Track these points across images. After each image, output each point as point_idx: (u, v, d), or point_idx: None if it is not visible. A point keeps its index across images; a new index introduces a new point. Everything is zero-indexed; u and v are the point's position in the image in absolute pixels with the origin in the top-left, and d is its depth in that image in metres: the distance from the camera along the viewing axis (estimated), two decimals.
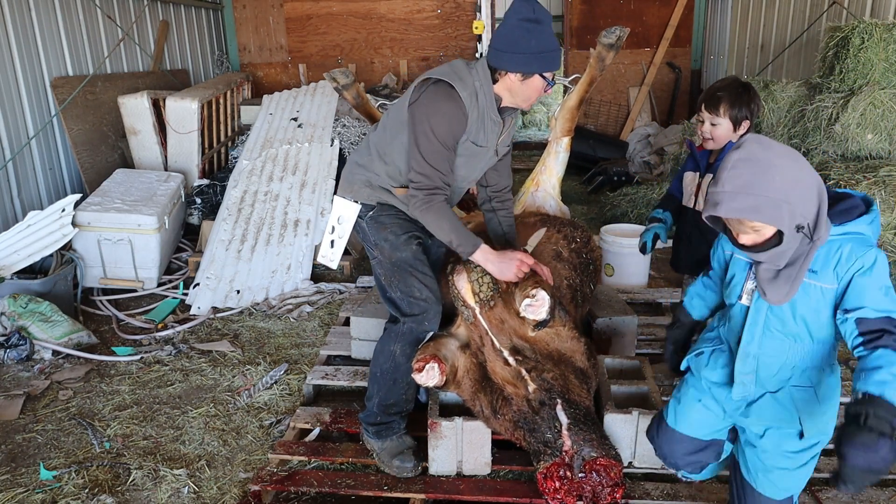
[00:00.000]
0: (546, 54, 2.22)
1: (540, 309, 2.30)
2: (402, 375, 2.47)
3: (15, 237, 4.05)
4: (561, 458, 2.17)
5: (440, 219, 2.31)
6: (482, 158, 2.45)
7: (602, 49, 3.60)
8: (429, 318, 2.45)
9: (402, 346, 2.45)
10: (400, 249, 2.44)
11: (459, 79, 2.27)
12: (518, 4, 2.22)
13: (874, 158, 4.02)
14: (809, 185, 1.56)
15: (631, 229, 4.33)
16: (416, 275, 2.43)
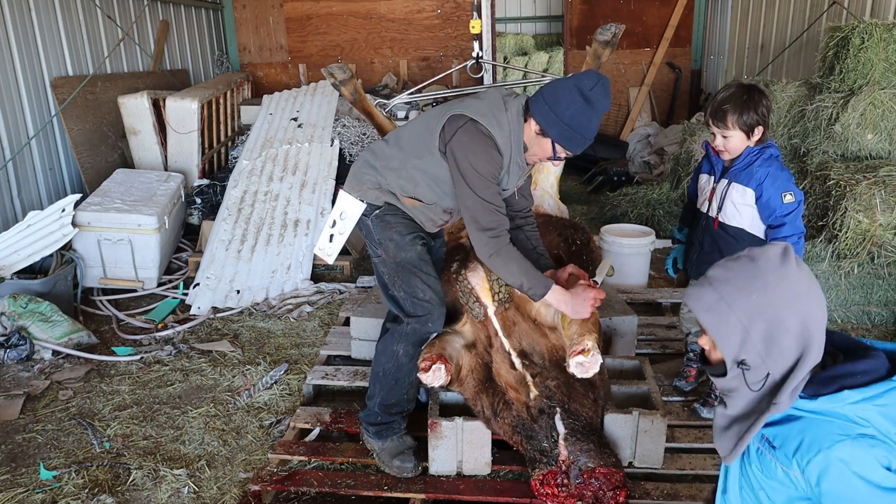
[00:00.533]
0: (574, 132, 2.18)
1: (590, 370, 2.22)
2: (405, 375, 2.46)
3: (15, 237, 4.05)
4: (557, 466, 2.16)
5: (509, 263, 2.28)
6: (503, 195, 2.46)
7: (598, 46, 3.61)
8: (433, 320, 2.44)
9: (405, 347, 2.45)
10: (405, 249, 2.43)
11: (497, 123, 2.25)
12: (588, 76, 2.18)
13: (874, 158, 4.02)
14: (789, 332, 1.24)
15: (631, 229, 4.33)
16: (420, 275, 2.43)
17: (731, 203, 2.52)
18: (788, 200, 2.42)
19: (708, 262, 2.54)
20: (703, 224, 2.65)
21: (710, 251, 2.60)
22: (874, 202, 3.56)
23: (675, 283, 4.36)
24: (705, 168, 2.67)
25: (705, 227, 2.63)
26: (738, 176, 2.48)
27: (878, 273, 3.75)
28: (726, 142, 2.45)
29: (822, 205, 3.94)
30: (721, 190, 2.54)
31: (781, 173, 2.43)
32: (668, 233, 5.42)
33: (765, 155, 2.44)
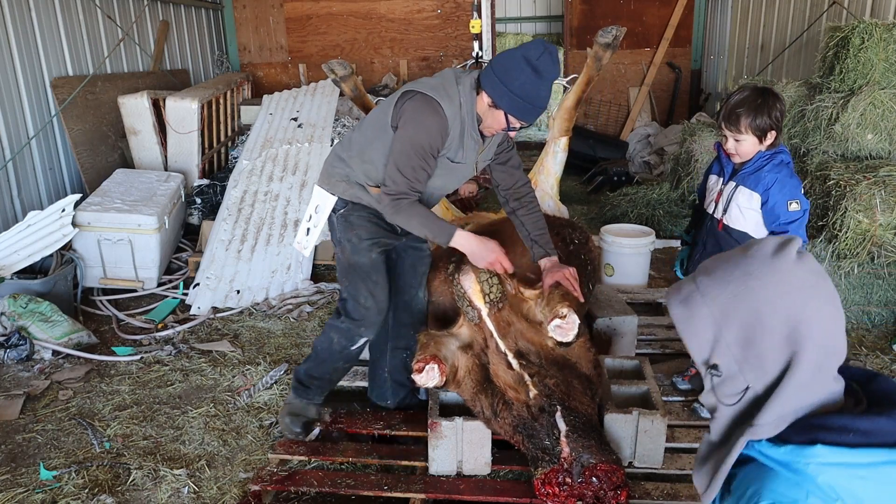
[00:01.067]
0: (524, 103, 2.17)
1: (569, 332, 2.30)
2: (333, 361, 2.65)
3: (15, 237, 4.05)
4: (559, 464, 2.16)
5: (410, 218, 2.32)
6: (459, 173, 2.47)
7: (599, 48, 3.61)
8: (365, 326, 2.55)
9: (337, 338, 2.60)
10: (359, 254, 2.50)
11: (447, 94, 2.26)
12: (534, 45, 2.17)
13: (874, 158, 4.02)
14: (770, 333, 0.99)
15: (631, 229, 4.33)
16: (367, 283, 2.51)
17: (736, 206, 2.52)
18: (794, 208, 2.41)
19: None
20: (707, 225, 2.65)
21: (712, 252, 2.58)
22: (874, 202, 3.56)
23: None
24: (715, 169, 2.66)
25: (710, 228, 2.63)
26: (747, 180, 2.47)
27: (878, 273, 3.75)
28: (738, 145, 2.43)
29: (822, 205, 3.94)
30: (728, 192, 2.54)
31: (790, 180, 2.42)
32: (668, 233, 5.42)
33: (775, 160, 2.43)
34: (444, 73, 2.36)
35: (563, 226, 3.16)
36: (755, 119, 2.35)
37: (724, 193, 2.56)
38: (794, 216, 2.41)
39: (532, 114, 2.21)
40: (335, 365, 2.66)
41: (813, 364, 0.98)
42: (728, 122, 2.41)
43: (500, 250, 2.37)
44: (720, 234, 2.58)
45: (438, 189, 2.52)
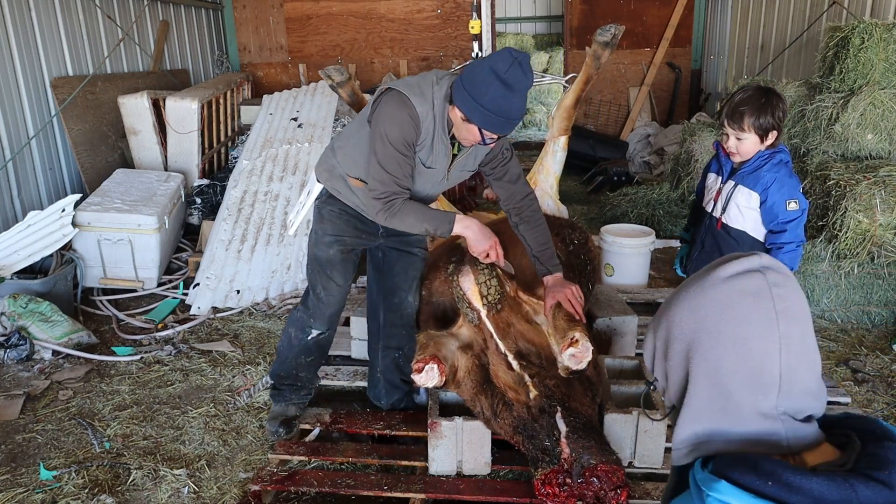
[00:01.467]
0: (495, 117, 2.10)
1: (583, 360, 2.26)
2: (292, 356, 2.73)
3: (15, 237, 4.05)
4: (559, 465, 2.16)
5: (405, 217, 2.29)
6: (430, 179, 2.42)
7: (598, 47, 3.61)
8: (315, 317, 2.66)
9: (294, 330, 2.70)
10: (319, 247, 2.59)
11: (420, 93, 2.24)
12: (501, 57, 2.07)
13: (874, 158, 4.02)
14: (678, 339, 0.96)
15: (631, 229, 4.33)
16: (321, 276, 2.61)
17: (735, 205, 2.52)
18: (792, 208, 2.41)
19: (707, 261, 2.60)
20: (706, 223, 2.65)
21: (711, 251, 2.60)
22: (874, 202, 3.57)
23: (676, 283, 4.36)
24: (713, 167, 2.66)
25: (708, 226, 2.63)
26: (745, 179, 2.47)
27: (878, 273, 3.75)
28: (739, 144, 2.43)
29: (822, 205, 3.94)
30: (727, 191, 2.54)
31: (789, 180, 2.43)
32: (668, 233, 5.42)
33: (774, 160, 2.43)
34: (426, 74, 2.34)
35: (562, 226, 3.16)
36: (758, 118, 2.35)
37: (722, 192, 2.55)
38: (793, 215, 2.42)
39: (506, 126, 2.15)
40: (297, 360, 2.73)
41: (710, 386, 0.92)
42: (731, 120, 2.40)
43: (496, 241, 2.37)
44: (719, 233, 2.59)
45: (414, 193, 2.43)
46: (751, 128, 2.37)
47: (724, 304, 0.93)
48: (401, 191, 2.28)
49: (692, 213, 2.91)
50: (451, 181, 2.51)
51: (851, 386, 3.16)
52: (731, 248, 2.53)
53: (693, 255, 2.74)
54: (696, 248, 2.72)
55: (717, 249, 2.57)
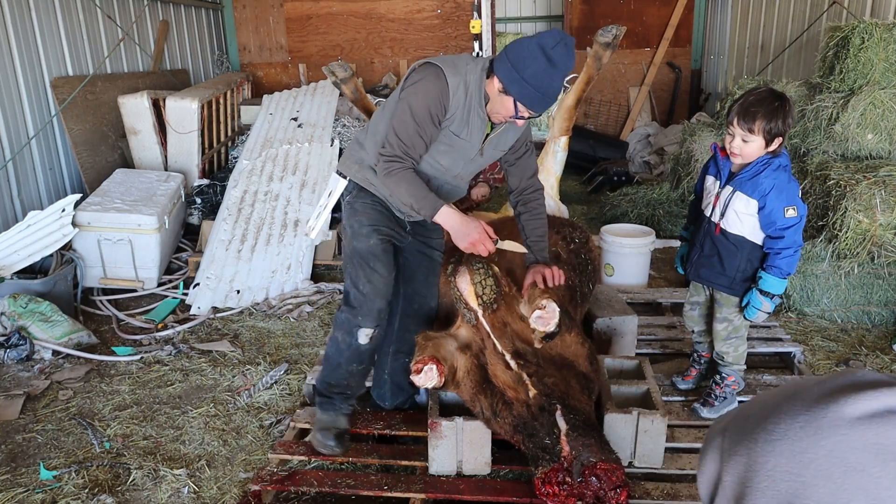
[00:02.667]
0: (535, 90, 2.14)
1: (550, 321, 2.30)
2: (344, 362, 2.55)
3: (15, 237, 4.05)
4: (559, 463, 2.16)
5: (399, 183, 2.29)
6: (464, 154, 2.41)
7: (599, 48, 3.61)
8: (363, 314, 2.48)
9: (341, 334, 2.53)
10: (359, 238, 2.47)
11: (454, 66, 2.27)
12: (550, 35, 2.16)
13: (874, 158, 4.02)
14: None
15: (631, 229, 4.33)
16: (365, 268, 2.46)
17: (733, 211, 2.49)
18: (791, 215, 2.39)
19: (707, 265, 2.64)
20: (705, 227, 2.62)
21: (710, 255, 2.61)
22: (874, 202, 3.56)
23: (676, 283, 4.36)
24: (711, 170, 2.62)
25: (707, 230, 2.61)
26: (744, 185, 2.44)
27: (878, 273, 3.75)
28: (744, 145, 2.37)
29: (822, 205, 3.94)
30: (725, 197, 2.50)
31: (788, 185, 2.40)
32: (668, 233, 5.42)
33: (773, 165, 2.39)
34: (461, 54, 2.38)
35: (563, 225, 3.16)
36: (769, 122, 2.30)
37: (721, 198, 2.52)
38: (791, 222, 2.40)
39: (542, 104, 2.19)
40: (349, 368, 2.57)
41: None
42: (742, 120, 2.33)
43: (484, 232, 2.32)
44: (717, 238, 2.57)
45: (445, 170, 2.45)
46: (760, 131, 2.31)
47: (851, 462, 0.61)
48: (407, 159, 2.29)
49: (691, 212, 2.88)
50: (485, 159, 2.49)
51: None
52: (731, 253, 2.53)
53: (693, 257, 2.71)
54: (695, 251, 2.70)
55: (716, 253, 2.58)
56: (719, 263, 2.58)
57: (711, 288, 2.72)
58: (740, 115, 2.33)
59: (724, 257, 2.55)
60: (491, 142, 2.44)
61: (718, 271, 2.60)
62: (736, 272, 2.57)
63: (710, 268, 2.62)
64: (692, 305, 2.85)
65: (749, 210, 2.45)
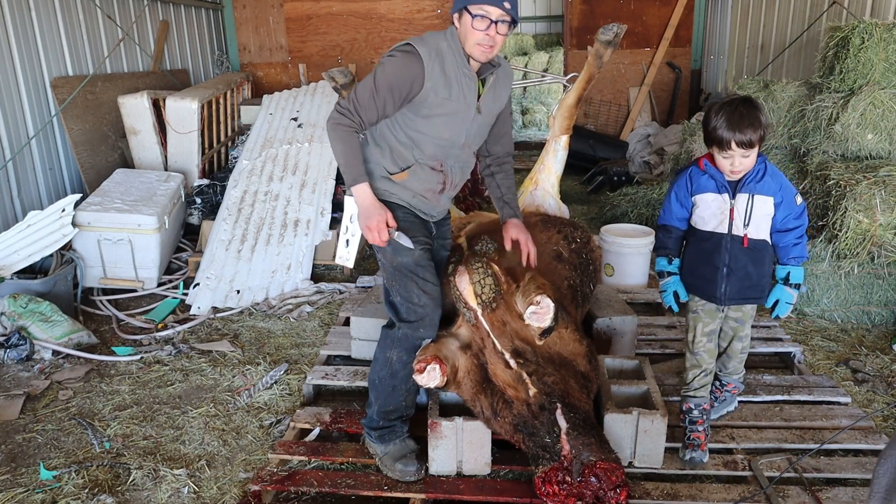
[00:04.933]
0: None
1: (545, 316, 2.31)
2: (401, 382, 2.46)
3: (15, 237, 4.05)
4: (559, 462, 2.16)
5: (337, 141, 2.32)
6: (463, 117, 2.39)
7: (599, 46, 3.61)
8: (425, 326, 2.43)
9: (398, 353, 2.44)
10: (401, 254, 2.42)
11: (423, 40, 2.32)
12: None
13: (874, 158, 4.02)
14: None
15: (631, 229, 4.33)
16: (416, 280, 2.41)
17: (758, 215, 2.40)
18: (800, 201, 2.43)
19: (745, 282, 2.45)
20: (725, 246, 2.42)
21: (741, 271, 2.44)
22: (874, 202, 3.57)
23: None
24: (709, 186, 2.44)
25: (728, 247, 2.42)
26: (757, 188, 2.38)
27: (878, 273, 3.75)
28: (746, 160, 2.31)
29: (822, 205, 3.94)
30: (743, 205, 2.39)
31: (783, 176, 2.44)
32: None
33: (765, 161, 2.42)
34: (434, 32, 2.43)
35: (564, 225, 3.16)
36: (759, 128, 2.27)
37: (737, 209, 2.39)
38: (801, 208, 2.43)
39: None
40: (406, 386, 2.48)
41: None
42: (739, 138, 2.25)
43: (384, 223, 2.33)
44: (746, 251, 2.42)
45: (450, 143, 2.42)
46: (758, 140, 2.28)
47: None
48: (356, 117, 2.32)
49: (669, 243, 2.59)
50: (484, 117, 2.48)
51: (851, 386, 3.16)
52: (759, 261, 2.44)
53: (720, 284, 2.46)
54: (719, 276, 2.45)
55: (749, 269, 2.44)
56: (754, 276, 2.46)
57: (726, 309, 2.55)
58: (735, 135, 2.26)
59: (754, 267, 2.45)
60: (486, 99, 2.45)
61: (753, 283, 2.47)
62: (763, 278, 2.48)
63: (745, 284, 2.47)
64: (709, 337, 2.59)
65: (766, 210, 2.41)
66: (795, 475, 2.43)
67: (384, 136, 2.44)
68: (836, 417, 2.76)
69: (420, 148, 2.41)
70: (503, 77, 2.50)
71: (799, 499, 2.29)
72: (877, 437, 2.63)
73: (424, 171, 2.44)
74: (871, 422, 2.77)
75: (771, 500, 2.29)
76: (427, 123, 2.36)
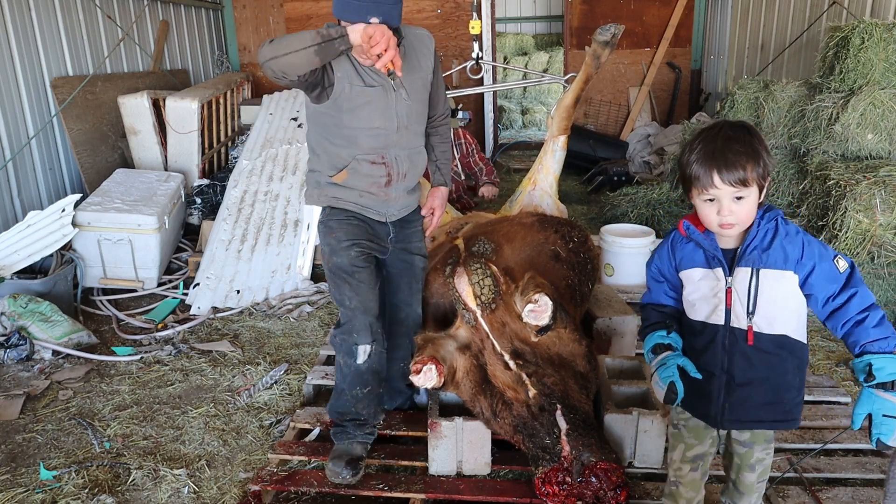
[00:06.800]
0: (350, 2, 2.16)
1: (543, 315, 2.31)
2: (347, 386, 2.50)
3: (15, 237, 4.05)
4: (559, 463, 2.16)
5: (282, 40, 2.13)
6: (385, 98, 2.36)
7: (597, 47, 3.61)
8: (356, 330, 2.43)
9: (342, 357, 2.48)
10: (338, 254, 2.42)
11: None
12: None
13: (874, 158, 4.02)
14: None
15: (631, 229, 4.33)
16: (349, 282, 2.41)
17: (767, 300, 1.68)
18: (844, 266, 1.64)
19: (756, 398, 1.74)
20: (721, 343, 1.74)
21: (749, 381, 1.73)
22: (874, 202, 3.57)
23: None
24: (695, 259, 1.76)
25: (729, 346, 1.73)
26: (765, 258, 1.67)
27: (878, 273, 3.74)
28: (739, 205, 1.63)
29: (822, 205, 3.94)
30: (744, 284, 1.69)
31: (813, 238, 1.69)
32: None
33: (778, 219, 1.69)
34: None
35: (562, 224, 3.16)
36: (759, 161, 1.61)
37: (735, 290, 1.70)
38: (850, 271, 1.64)
39: (357, 10, 2.17)
40: (351, 392, 2.49)
41: None
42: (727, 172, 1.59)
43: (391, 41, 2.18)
44: (754, 353, 1.71)
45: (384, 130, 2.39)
46: (753, 180, 1.61)
47: None
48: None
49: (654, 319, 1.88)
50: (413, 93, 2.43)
51: (851, 386, 3.16)
52: (777, 368, 1.71)
53: (717, 399, 1.77)
54: (715, 386, 1.76)
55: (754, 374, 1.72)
56: (769, 390, 1.73)
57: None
58: (721, 168, 1.60)
59: (773, 377, 1.72)
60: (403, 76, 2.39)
61: (769, 402, 1.73)
62: (787, 392, 1.73)
63: (756, 402, 1.74)
64: (693, 465, 1.90)
65: (783, 291, 1.67)
66: (795, 475, 2.43)
67: (320, 143, 2.45)
68: (836, 417, 2.76)
69: (357, 144, 2.39)
70: (417, 45, 2.50)
71: (799, 499, 2.29)
72: None
73: (364, 166, 2.42)
74: None
75: (771, 500, 2.29)
76: (354, 117, 2.35)
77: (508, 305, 2.46)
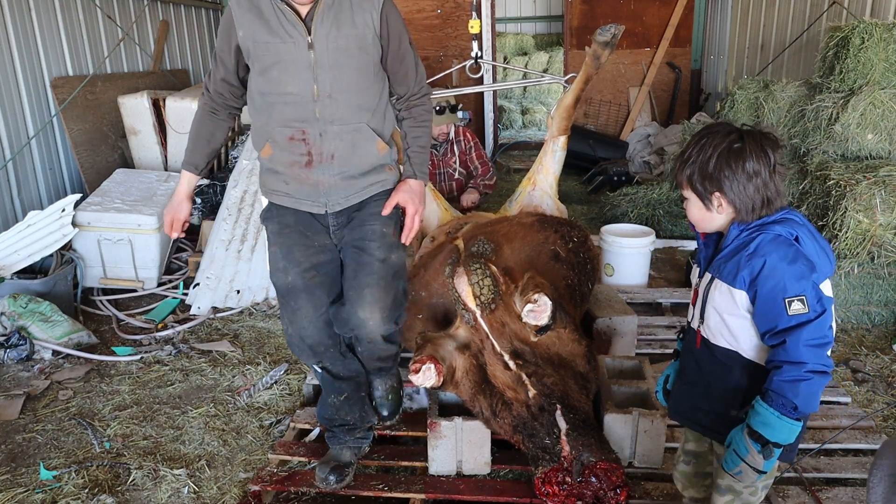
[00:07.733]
0: None
1: (542, 314, 2.32)
2: (325, 394, 2.52)
3: (15, 237, 4.05)
4: (559, 463, 2.16)
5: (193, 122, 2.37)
6: (300, 61, 2.08)
7: (597, 47, 3.60)
8: (297, 354, 2.44)
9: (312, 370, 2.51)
10: (276, 274, 2.31)
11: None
12: None
13: (874, 158, 4.02)
14: None
15: (631, 229, 4.33)
16: (285, 306, 2.35)
17: (713, 310, 1.65)
18: (796, 310, 1.50)
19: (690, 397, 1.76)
20: (685, 338, 1.83)
21: (694, 382, 1.75)
22: (874, 202, 3.56)
23: (676, 283, 4.35)
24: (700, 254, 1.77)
25: (686, 343, 1.80)
26: (722, 270, 1.61)
27: (878, 273, 3.75)
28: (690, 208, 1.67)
29: (822, 205, 3.94)
30: (703, 290, 1.69)
31: (790, 266, 1.51)
32: (668, 233, 5.42)
33: (767, 235, 1.55)
34: None
35: (561, 224, 3.16)
36: (687, 166, 1.61)
37: (699, 292, 1.71)
38: (796, 320, 1.51)
39: None
40: (328, 399, 2.49)
41: None
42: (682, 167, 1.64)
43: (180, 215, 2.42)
44: (699, 353, 1.72)
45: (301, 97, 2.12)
46: (686, 183, 1.62)
47: None
48: (207, 90, 2.32)
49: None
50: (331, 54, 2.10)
51: (851, 386, 3.16)
52: (719, 377, 1.67)
53: (675, 385, 1.86)
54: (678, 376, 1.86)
55: (700, 379, 1.72)
56: (710, 399, 1.70)
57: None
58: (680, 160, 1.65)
59: (714, 384, 1.69)
60: (320, 32, 2.08)
61: (709, 410, 1.72)
62: (720, 402, 1.68)
63: (693, 403, 1.76)
64: (686, 458, 1.93)
65: (731, 306, 1.61)
66: (795, 475, 2.43)
67: (251, 114, 2.28)
68: (836, 417, 2.76)
69: (270, 112, 2.16)
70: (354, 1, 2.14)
71: (799, 499, 2.29)
72: (877, 437, 2.63)
73: (282, 141, 2.17)
74: (872, 422, 2.77)
75: (771, 500, 2.29)
76: (266, 80, 2.12)
77: (508, 305, 2.46)
